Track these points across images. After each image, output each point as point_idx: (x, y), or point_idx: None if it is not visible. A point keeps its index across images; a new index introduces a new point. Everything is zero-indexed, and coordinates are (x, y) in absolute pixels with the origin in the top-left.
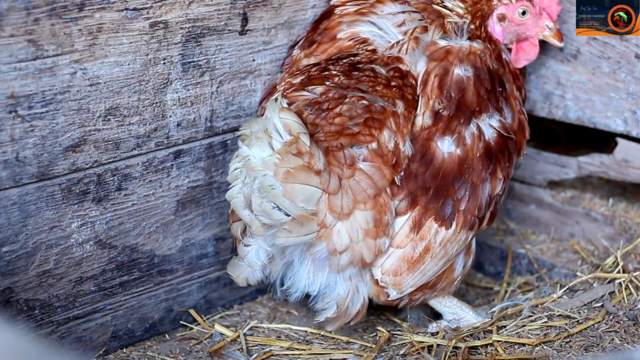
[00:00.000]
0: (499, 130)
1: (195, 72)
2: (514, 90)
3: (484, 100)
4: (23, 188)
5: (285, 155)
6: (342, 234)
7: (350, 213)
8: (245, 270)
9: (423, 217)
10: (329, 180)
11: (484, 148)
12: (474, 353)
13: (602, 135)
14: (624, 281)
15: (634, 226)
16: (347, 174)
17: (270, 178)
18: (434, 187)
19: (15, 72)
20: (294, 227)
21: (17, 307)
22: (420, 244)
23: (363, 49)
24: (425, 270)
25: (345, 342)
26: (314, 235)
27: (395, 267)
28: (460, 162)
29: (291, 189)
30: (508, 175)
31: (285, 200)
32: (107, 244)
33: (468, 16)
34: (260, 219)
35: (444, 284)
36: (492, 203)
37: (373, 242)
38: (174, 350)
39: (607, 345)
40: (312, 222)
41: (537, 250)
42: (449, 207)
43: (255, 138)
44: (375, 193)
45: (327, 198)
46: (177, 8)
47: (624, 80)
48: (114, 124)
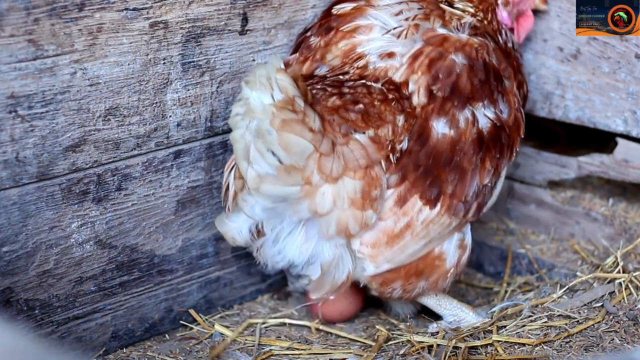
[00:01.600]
0: (493, 121)
1: (195, 72)
2: (514, 87)
3: (477, 90)
4: (23, 188)
5: (282, 109)
6: (326, 196)
7: (338, 178)
8: (233, 230)
9: (409, 193)
10: (321, 140)
11: (477, 134)
12: (474, 353)
13: (602, 135)
14: (624, 281)
15: (634, 226)
16: (341, 141)
17: (267, 124)
18: (425, 165)
19: (15, 72)
20: (282, 174)
21: (17, 307)
22: (402, 219)
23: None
24: (405, 247)
25: (345, 342)
26: (298, 189)
27: (374, 240)
28: (453, 143)
29: (286, 138)
30: (497, 168)
31: (279, 148)
32: (107, 244)
33: (480, 14)
34: (255, 168)
35: (435, 276)
36: (480, 194)
37: (360, 213)
38: (174, 350)
39: (607, 345)
40: (299, 174)
41: (537, 250)
42: (436, 188)
43: (259, 83)
44: (367, 164)
45: (318, 157)
46: (177, 8)
47: (624, 80)
48: (114, 124)
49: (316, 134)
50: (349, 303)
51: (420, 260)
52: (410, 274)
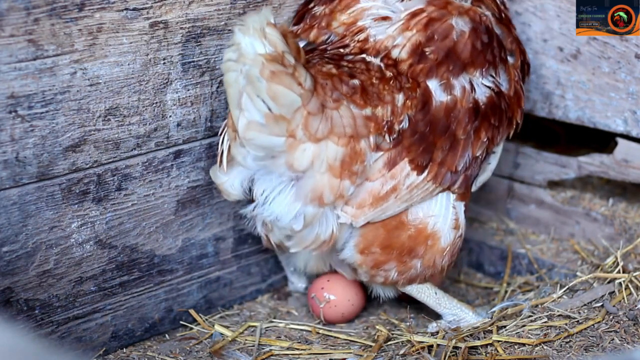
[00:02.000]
0: (492, 89)
1: (195, 72)
2: (518, 62)
3: (479, 54)
4: (23, 188)
5: (271, 61)
6: (306, 154)
7: (322, 139)
8: (225, 182)
9: (399, 157)
10: (310, 98)
11: (473, 103)
12: (474, 353)
13: (602, 135)
14: (624, 281)
15: (634, 226)
16: (332, 105)
17: (257, 72)
18: (422, 132)
19: (15, 72)
20: (270, 123)
21: (17, 307)
22: (389, 182)
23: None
24: (386, 209)
25: (345, 342)
26: (283, 141)
27: (359, 200)
28: (448, 110)
29: (275, 89)
30: (492, 139)
31: (267, 97)
32: (107, 244)
33: None
34: (245, 115)
35: (429, 255)
36: (469, 166)
37: (336, 181)
38: (174, 350)
39: (607, 345)
40: (285, 125)
41: (537, 250)
42: (428, 155)
43: (252, 29)
44: (353, 135)
45: (305, 114)
46: (177, 8)
47: (624, 80)
48: (114, 124)
49: (306, 90)
50: (351, 305)
51: (411, 239)
52: (403, 253)
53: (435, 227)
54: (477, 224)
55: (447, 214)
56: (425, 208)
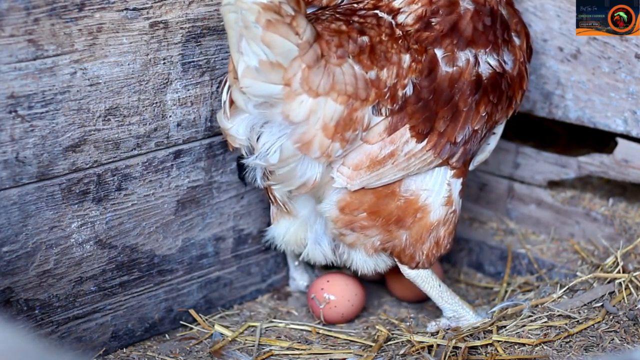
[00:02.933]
0: (494, 69)
1: (195, 72)
2: (523, 44)
3: (481, 35)
4: (23, 188)
5: (267, 10)
6: (303, 106)
7: (321, 95)
8: (231, 129)
9: (400, 122)
10: (308, 50)
11: (476, 76)
12: (474, 353)
13: (602, 135)
14: (624, 281)
15: (634, 226)
16: (335, 62)
17: (253, 19)
18: (425, 100)
19: (15, 72)
20: (265, 68)
21: (17, 307)
22: (388, 146)
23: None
24: (382, 174)
25: (345, 342)
26: (280, 89)
27: (357, 162)
28: (452, 80)
29: (270, 37)
30: (491, 115)
31: (263, 45)
32: (107, 244)
33: None
34: (244, 59)
35: (417, 228)
36: (468, 140)
37: (327, 141)
38: (174, 350)
39: (607, 345)
40: (281, 73)
41: (537, 250)
42: (428, 123)
43: None
44: (353, 94)
45: (304, 66)
46: (177, 8)
47: (624, 80)
48: (114, 124)
49: (304, 41)
50: (351, 305)
51: (400, 209)
52: (390, 221)
53: (426, 201)
54: (477, 224)
55: (440, 190)
56: (419, 181)
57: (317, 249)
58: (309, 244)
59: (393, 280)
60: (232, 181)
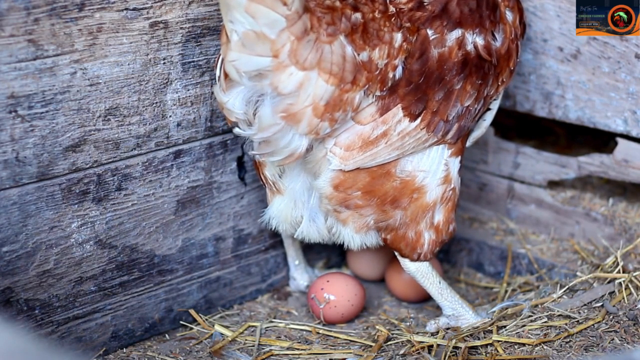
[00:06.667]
0: (478, 50)
1: (195, 72)
2: (516, 20)
3: (466, 18)
4: (23, 188)
5: None
6: (293, 78)
7: (307, 69)
8: (227, 102)
9: (392, 103)
10: (296, 21)
11: (463, 56)
12: (474, 353)
13: (602, 135)
14: (624, 281)
15: (634, 226)
16: (325, 39)
17: None
18: (416, 82)
19: (15, 72)
20: (251, 39)
21: (17, 307)
22: (380, 126)
23: None
24: (376, 154)
25: (345, 342)
26: (269, 61)
27: (349, 142)
28: (442, 61)
29: (254, 8)
30: (479, 93)
31: (247, 15)
32: (107, 244)
33: None
34: (236, 29)
35: (412, 208)
36: (462, 116)
37: (316, 120)
38: (174, 350)
39: (607, 345)
40: (268, 44)
41: (537, 250)
42: (421, 103)
43: None
44: (341, 74)
45: (293, 39)
46: (177, 8)
47: (624, 80)
48: (114, 124)
49: (292, 12)
50: (351, 305)
51: (396, 190)
52: (385, 201)
53: (423, 182)
54: (477, 224)
55: (437, 170)
56: (415, 162)
57: (312, 226)
58: (304, 221)
59: (393, 280)
60: (232, 181)
